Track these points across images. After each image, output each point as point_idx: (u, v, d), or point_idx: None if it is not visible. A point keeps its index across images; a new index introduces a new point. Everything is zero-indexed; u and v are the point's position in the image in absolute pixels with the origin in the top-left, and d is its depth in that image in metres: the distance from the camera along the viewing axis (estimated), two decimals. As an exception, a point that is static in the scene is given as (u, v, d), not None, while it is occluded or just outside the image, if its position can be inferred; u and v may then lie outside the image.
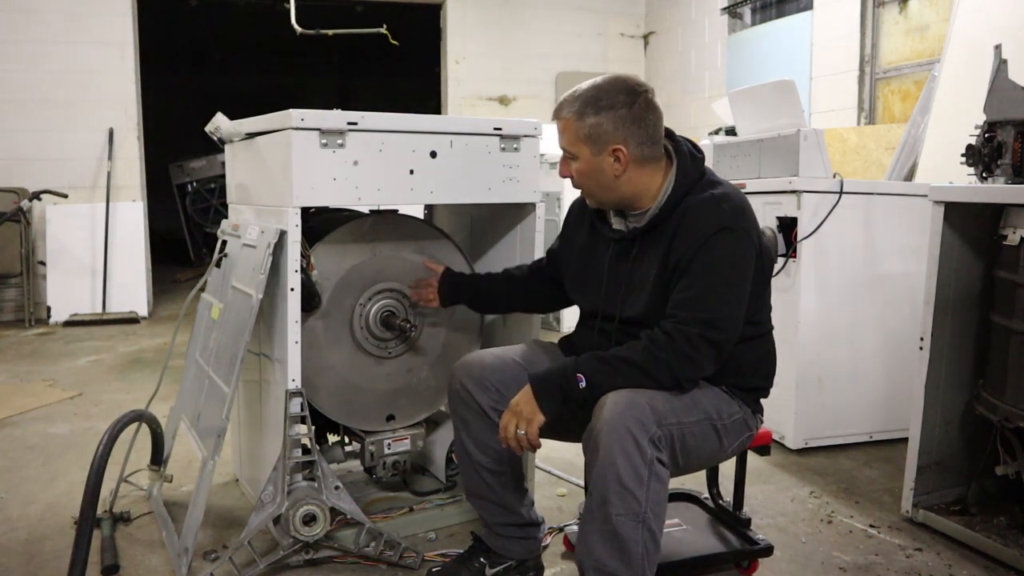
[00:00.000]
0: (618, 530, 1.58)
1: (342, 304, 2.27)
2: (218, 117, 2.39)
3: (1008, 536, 2.27)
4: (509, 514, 2.04)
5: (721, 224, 1.72)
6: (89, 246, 6.40)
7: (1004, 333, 2.29)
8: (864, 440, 3.21)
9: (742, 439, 1.87)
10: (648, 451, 1.58)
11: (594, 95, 1.78)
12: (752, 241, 1.76)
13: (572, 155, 1.83)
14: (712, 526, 2.26)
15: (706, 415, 1.74)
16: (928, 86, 4.27)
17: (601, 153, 1.79)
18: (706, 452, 1.78)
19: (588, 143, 1.79)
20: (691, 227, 1.74)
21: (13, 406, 3.80)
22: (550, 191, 5.31)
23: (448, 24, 7.54)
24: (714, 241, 1.71)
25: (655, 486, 1.59)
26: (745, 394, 1.86)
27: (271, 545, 2.14)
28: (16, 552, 2.30)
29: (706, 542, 2.17)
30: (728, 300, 1.71)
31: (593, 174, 1.82)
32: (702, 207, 1.76)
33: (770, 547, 2.13)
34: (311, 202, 2.06)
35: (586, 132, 1.78)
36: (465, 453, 1.99)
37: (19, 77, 6.34)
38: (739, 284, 1.73)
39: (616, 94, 1.77)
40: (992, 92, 2.37)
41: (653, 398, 1.64)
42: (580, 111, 1.78)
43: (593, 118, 1.77)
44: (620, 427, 1.58)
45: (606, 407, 1.62)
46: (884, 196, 3.15)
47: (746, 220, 1.77)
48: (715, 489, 2.29)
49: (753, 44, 6.45)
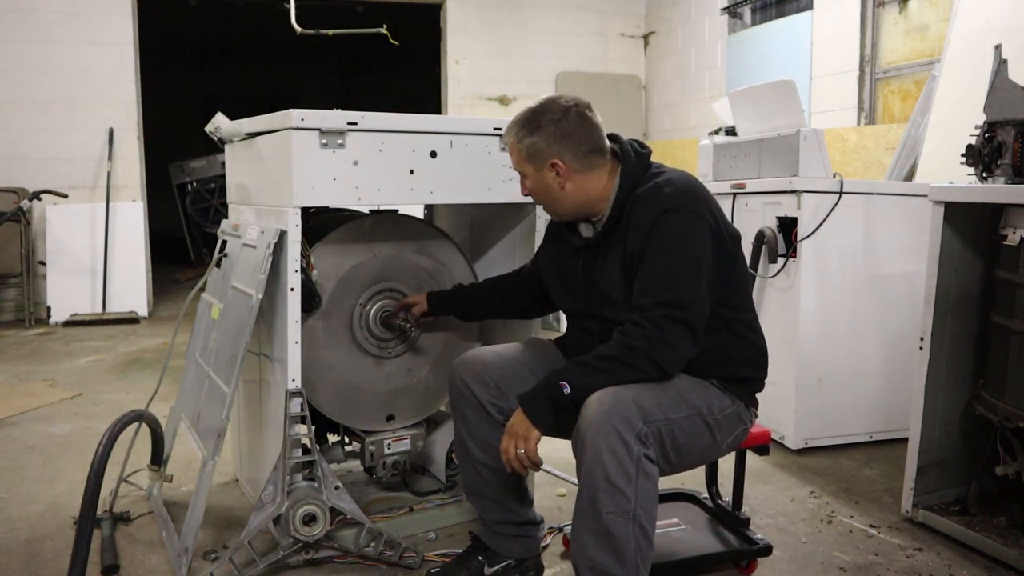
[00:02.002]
0: (609, 528, 1.59)
1: (342, 304, 2.27)
2: (218, 117, 2.39)
3: (1008, 536, 2.27)
4: (507, 512, 2.04)
5: (665, 207, 1.77)
6: (89, 246, 6.40)
7: (1004, 333, 2.29)
8: (864, 440, 3.21)
9: (736, 433, 1.88)
10: (635, 447, 1.60)
11: (528, 118, 1.88)
12: (702, 219, 1.79)
13: (522, 174, 1.93)
14: (711, 526, 2.26)
15: (695, 410, 1.75)
16: (928, 86, 4.27)
17: (542, 169, 1.87)
18: (699, 448, 1.79)
19: (530, 161, 1.88)
20: (639, 217, 1.80)
21: (13, 406, 3.80)
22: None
23: (448, 24, 7.54)
24: (660, 224, 1.76)
25: (644, 483, 1.60)
26: (737, 387, 1.87)
27: (271, 545, 2.14)
28: (16, 552, 2.30)
29: (705, 542, 2.17)
30: (684, 277, 1.73)
31: (542, 189, 1.91)
32: (646, 196, 1.82)
33: (769, 547, 2.13)
34: (311, 202, 2.06)
35: (526, 152, 1.88)
36: (465, 450, 2.00)
37: (19, 77, 6.34)
38: (693, 261, 1.75)
39: (546, 113, 1.86)
40: (992, 92, 2.37)
41: (639, 395, 1.65)
42: (518, 134, 1.89)
43: (528, 139, 1.87)
44: (605, 425, 1.59)
45: (591, 406, 1.64)
46: (884, 196, 3.15)
47: (693, 200, 1.80)
48: (714, 489, 2.30)
49: (753, 44, 6.45)
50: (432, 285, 2.40)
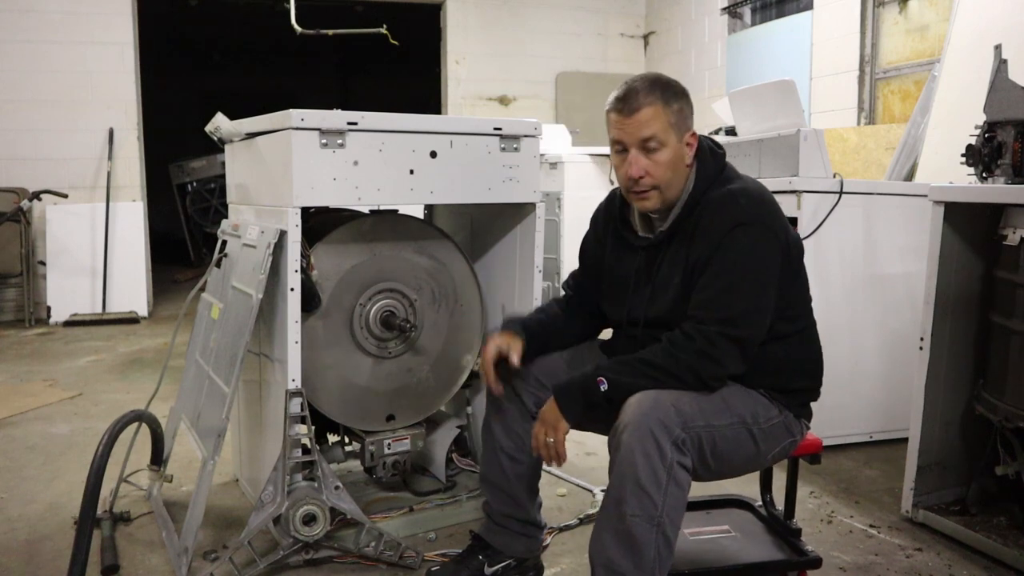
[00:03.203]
0: (632, 530, 1.55)
1: (342, 304, 2.27)
2: (218, 117, 2.39)
3: (1008, 536, 2.27)
4: (516, 507, 2.02)
5: (737, 220, 1.69)
6: (89, 246, 6.40)
7: (1004, 333, 2.29)
8: (864, 440, 3.20)
9: (783, 445, 1.81)
10: (669, 454, 1.55)
11: (666, 82, 1.74)
12: (774, 235, 1.72)
13: (659, 144, 1.73)
14: (761, 534, 2.17)
15: (739, 418, 1.69)
16: (928, 86, 4.27)
17: (682, 140, 1.74)
18: (741, 456, 1.73)
19: (675, 130, 1.73)
20: (708, 225, 1.71)
21: (13, 406, 3.80)
22: (550, 191, 5.31)
23: (448, 24, 7.54)
24: (730, 238, 1.68)
25: (673, 490, 1.56)
26: (787, 397, 1.80)
27: (271, 545, 2.14)
28: (16, 552, 2.30)
29: (753, 550, 2.09)
30: (747, 296, 1.67)
31: (674, 164, 1.74)
32: (719, 204, 1.73)
33: (819, 559, 2.04)
34: (311, 202, 2.06)
35: (675, 117, 1.72)
36: (490, 435, 1.98)
37: (19, 77, 6.34)
38: (759, 280, 1.69)
39: (675, 82, 1.75)
40: (992, 92, 2.37)
41: (679, 400, 1.61)
42: (664, 96, 1.71)
43: (676, 103, 1.72)
44: (643, 427, 1.55)
45: (630, 408, 1.60)
46: (884, 196, 3.15)
47: (767, 214, 1.73)
48: (768, 496, 2.21)
49: (753, 44, 6.45)
50: (432, 285, 2.40)
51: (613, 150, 1.82)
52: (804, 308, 1.86)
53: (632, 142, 1.75)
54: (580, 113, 7.52)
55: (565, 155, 5.42)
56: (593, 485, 2.71)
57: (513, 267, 2.50)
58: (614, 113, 1.77)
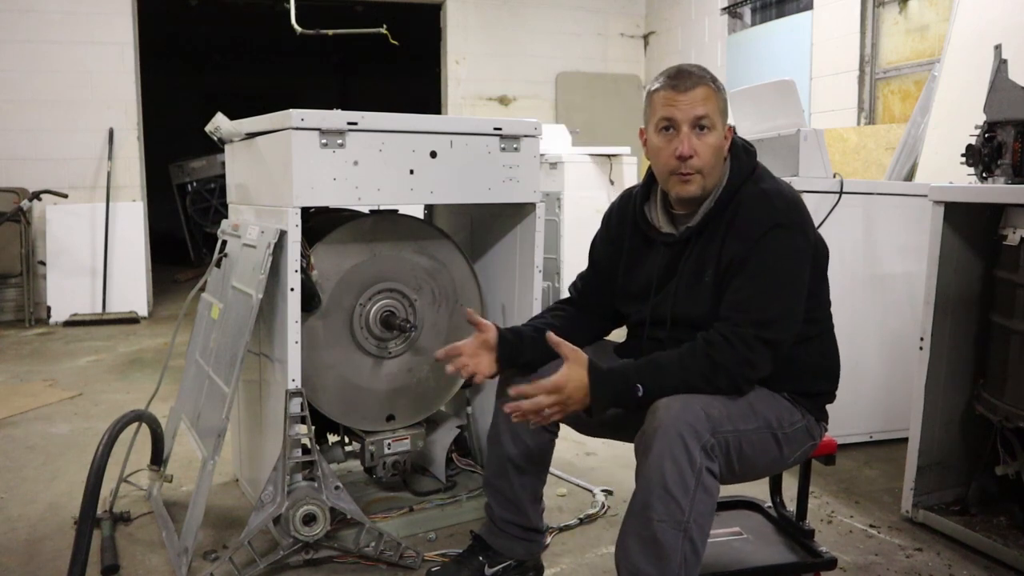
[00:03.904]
0: (658, 536, 1.52)
1: (342, 304, 2.27)
2: (218, 117, 2.39)
3: (1008, 536, 2.27)
4: (518, 513, 2.00)
5: (774, 221, 1.68)
6: (89, 246, 6.40)
7: (1004, 333, 2.29)
8: (864, 440, 3.20)
9: (804, 448, 1.81)
10: (698, 459, 1.53)
11: (712, 75, 1.76)
12: (807, 238, 1.72)
13: (711, 125, 1.73)
14: (774, 536, 2.15)
15: (766, 423, 1.68)
16: (928, 86, 4.27)
17: (724, 129, 1.75)
18: (765, 461, 1.72)
19: (722, 116, 1.74)
20: (744, 224, 1.70)
21: (13, 406, 3.80)
22: (550, 191, 5.31)
23: (448, 24, 7.54)
24: (768, 239, 1.67)
25: (701, 496, 1.53)
26: (809, 401, 1.79)
27: (271, 545, 2.14)
28: (16, 552, 2.30)
29: (767, 552, 2.06)
30: (783, 299, 1.67)
31: (719, 151, 1.75)
32: (755, 203, 1.72)
33: (834, 560, 2.02)
34: (311, 202, 2.06)
35: (722, 104, 1.72)
36: (498, 442, 1.95)
37: (19, 77, 6.34)
38: (794, 282, 1.69)
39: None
40: (992, 92, 2.37)
41: (709, 404, 1.59)
42: (715, 82, 1.73)
43: (722, 92, 1.74)
44: (672, 432, 1.52)
45: (659, 411, 1.56)
46: (884, 196, 3.15)
47: (800, 216, 1.73)
48: (779, 498, 2.19)
49: (753, 44, 6.45)
50: (432, 285, 2.40)
51: (656, 130, 1.76)
52: (826, 311, 1.87)
53: (685, 119, 1.72)
54: (580, 113, 7.53)
55: (565, 155, 5.42)
56: (593, 485, 2.71)
57: (513, 267, 2.50)
58: (667, 90, 1.74)
